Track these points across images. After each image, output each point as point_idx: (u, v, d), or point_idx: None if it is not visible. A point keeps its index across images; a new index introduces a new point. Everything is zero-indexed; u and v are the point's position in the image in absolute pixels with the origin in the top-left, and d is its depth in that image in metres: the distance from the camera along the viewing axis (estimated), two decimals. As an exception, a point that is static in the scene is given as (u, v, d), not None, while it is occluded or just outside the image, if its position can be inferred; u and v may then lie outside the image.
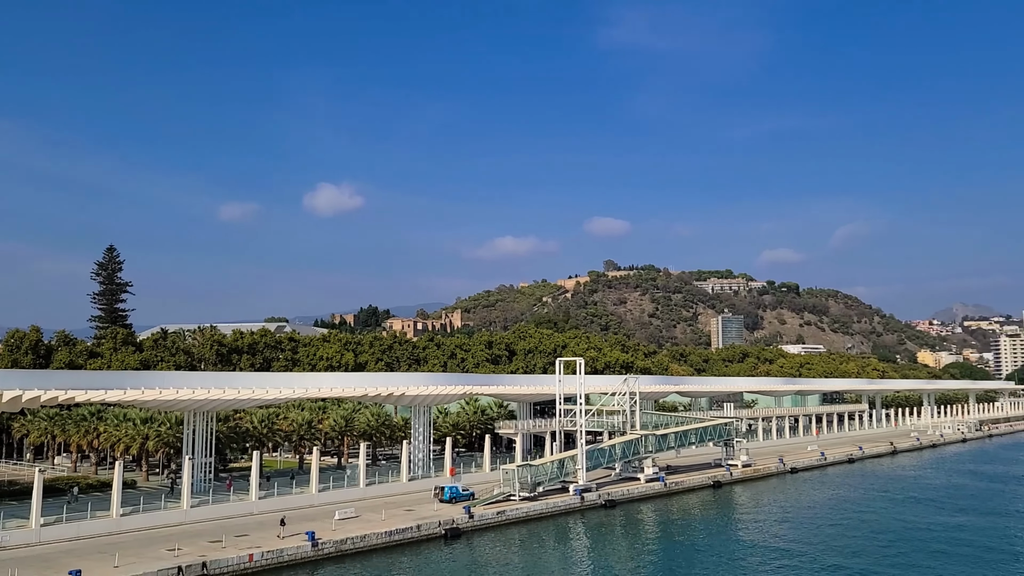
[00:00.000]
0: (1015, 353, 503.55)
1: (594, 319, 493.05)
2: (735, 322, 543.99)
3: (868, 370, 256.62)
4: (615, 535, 64.90)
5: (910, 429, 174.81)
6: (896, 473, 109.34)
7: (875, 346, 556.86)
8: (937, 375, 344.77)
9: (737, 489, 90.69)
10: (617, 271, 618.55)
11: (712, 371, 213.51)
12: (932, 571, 52.59)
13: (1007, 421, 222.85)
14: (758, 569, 52.86)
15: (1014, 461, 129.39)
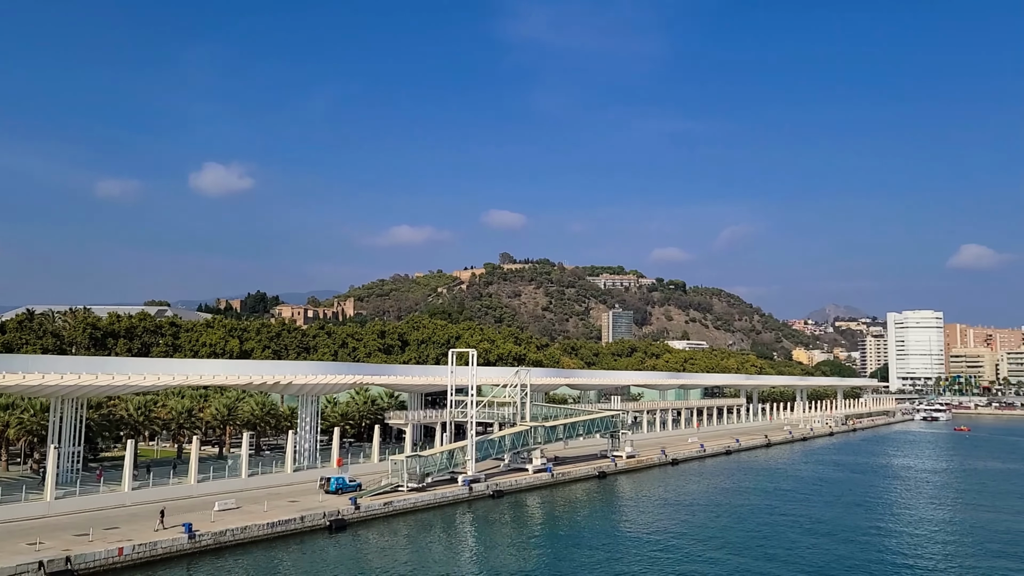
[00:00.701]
0: (879, 353, 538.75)
1: (489, 311, 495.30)
2: (625, 317, 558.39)
3: (747, 366, 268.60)
4: (502, 525, 65.44)
5: (783, 423, 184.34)
6: (769, 465, 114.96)
7: (754, 343, 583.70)
8: (810, 372, 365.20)
9: (621, 479, 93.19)
10: (513, 264, 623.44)
11: (602, 364, 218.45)
12: (794, 558, 55.47)
13: (869, 416, 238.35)
14: (637, 557, 54.46)
15: (873, 453, 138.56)
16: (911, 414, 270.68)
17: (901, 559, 55.78)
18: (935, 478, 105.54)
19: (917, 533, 65.75)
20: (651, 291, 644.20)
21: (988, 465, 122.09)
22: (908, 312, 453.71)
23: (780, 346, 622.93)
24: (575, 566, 51.33)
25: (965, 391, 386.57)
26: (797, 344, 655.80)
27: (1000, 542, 62.13)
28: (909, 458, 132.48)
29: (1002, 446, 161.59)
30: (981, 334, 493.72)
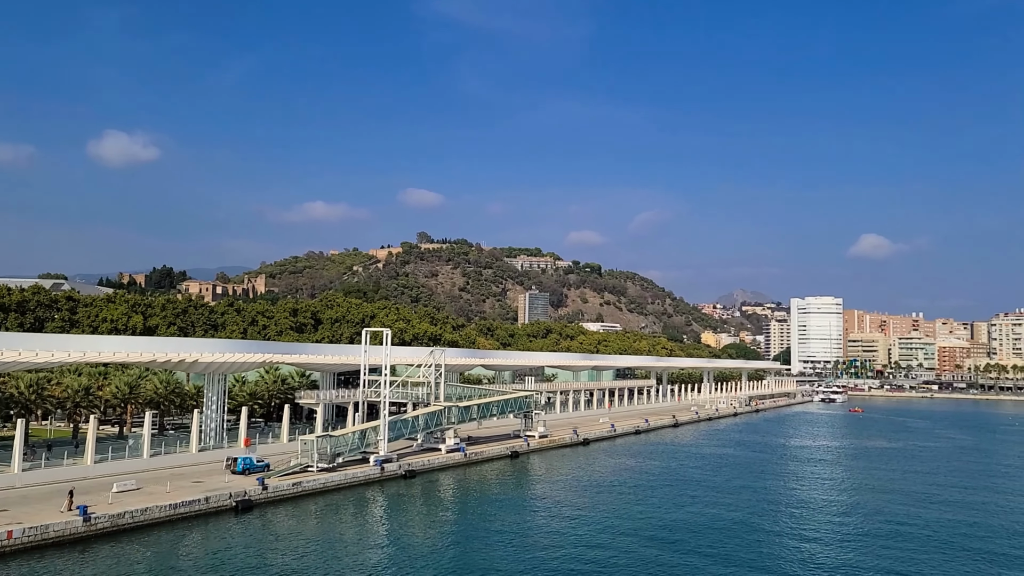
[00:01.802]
0: (782, 337, 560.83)
1: (405, 290, 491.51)
2: (541, 299, 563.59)
3: (658, 348, 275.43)
4: (413, 505, 65.41)
5: (691, 404, 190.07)
6: (676, 444, 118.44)
7: (666, 326, 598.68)
8: (717, 355, 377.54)
9: (533, 459, 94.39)
10: (430, 244, 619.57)
11: (517, 345, 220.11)
12: (695, 532, 57.48)
13: (772, 398, 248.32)
14: (547, 534, 55.37)
15: (774, 433, 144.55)
16: (810, 396, 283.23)
17: (792, 533, 58.43)
18: (828, 456, 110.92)
19: (808, 509, 69.03)
20: (567, 273, 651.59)
21: (876, 444, 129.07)
22: (810, 298, 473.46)
23: (690, 329, 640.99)
24: (486, 544, 51.83)
25: (861, 374, 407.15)
26: (706, 327, 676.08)
27: (873, 513, 65.86)
28: (806, 438, 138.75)
29: (890, 426, 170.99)
30: (876, 320, 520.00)
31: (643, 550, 51.33)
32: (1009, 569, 49.13)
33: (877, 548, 53.87)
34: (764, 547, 53.50)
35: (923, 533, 59.24)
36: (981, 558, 51.94)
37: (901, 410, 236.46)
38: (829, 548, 53.96)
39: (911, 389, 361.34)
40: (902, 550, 53.51)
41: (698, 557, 50.25)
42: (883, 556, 51.54)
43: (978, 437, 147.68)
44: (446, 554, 49.13)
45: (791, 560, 50.20)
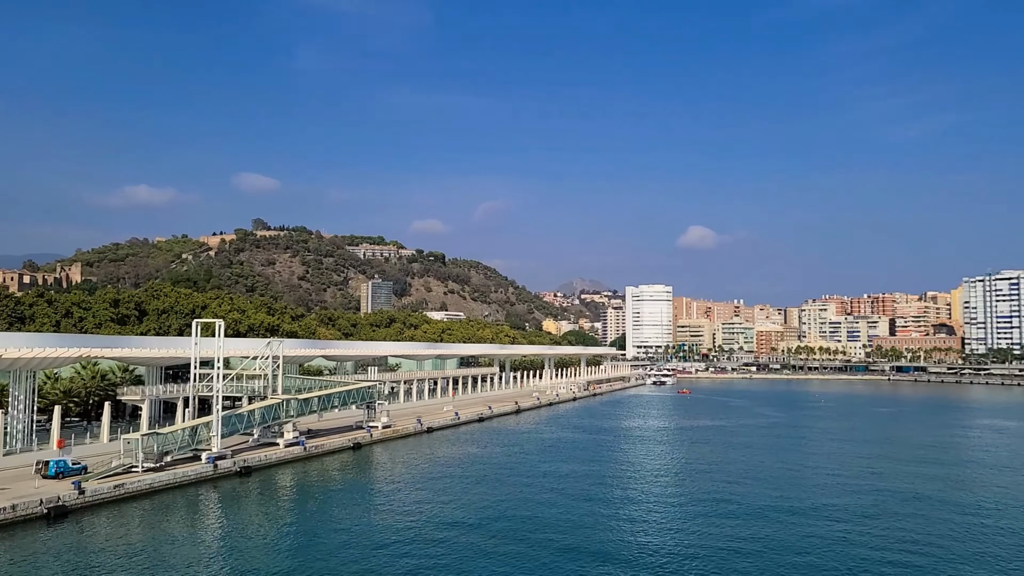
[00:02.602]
0: (618, 323, 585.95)
1: (240, 279, 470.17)
2: (385, 288, 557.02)
3: (501, 336, 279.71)
4: (249, 502, 62.76)
5: (533, 390, 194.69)
6: (518, 430, 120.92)
7: (508, 314, 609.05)
8: (557, 342, 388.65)
9: (376, 450, 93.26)
10: (267, 231, 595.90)
11: (360, 335, 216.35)
12: (533, 514, 58.97)
13: (608, 382, 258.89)
14: (388, 525, 54.86)
15: (609, 416, 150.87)
16: (644, 379, 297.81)
17: (624, 511, 61.24)
18: (659, 437, 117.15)
19: (642, 491, 72.55)
20: (411, 262, 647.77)
21: (701, 423, 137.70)
22: (643, 286, 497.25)
23: (532, 317, 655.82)
24: (327, 542, 50.60)
25: (689, 357, 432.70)
26: (547, 315, 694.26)
27: (699, 491, 70.43)
28: (639, 419, 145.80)
29: (714, 406, 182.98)
30: (703, 306, 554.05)
31: (486, 542, 51.85)
32: (810, 537, 53.82)
33: (705, 525, 57.39)
34: (602, 531, 55.58)
35: (742, 509, 63.65)
36: (792, 527, 56.58)
37: (724, 390, 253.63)
38: (663, 529, 56.83)
39: (733, 371, 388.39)
40: (724, 525, 57.26)
41: (539, 547, 51.38)
42: (707, 534, 54.93)
43: (788, 414, 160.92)
44: (284, 553, 47.53)
45: (630, 544, 52.37)
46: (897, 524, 57.09)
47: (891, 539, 52.56)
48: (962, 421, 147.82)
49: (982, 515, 60.85)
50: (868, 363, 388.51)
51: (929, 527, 56.30)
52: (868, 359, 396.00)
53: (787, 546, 50.40)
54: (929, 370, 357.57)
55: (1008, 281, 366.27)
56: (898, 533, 54.26)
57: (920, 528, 55.95)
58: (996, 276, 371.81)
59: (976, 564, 46.91)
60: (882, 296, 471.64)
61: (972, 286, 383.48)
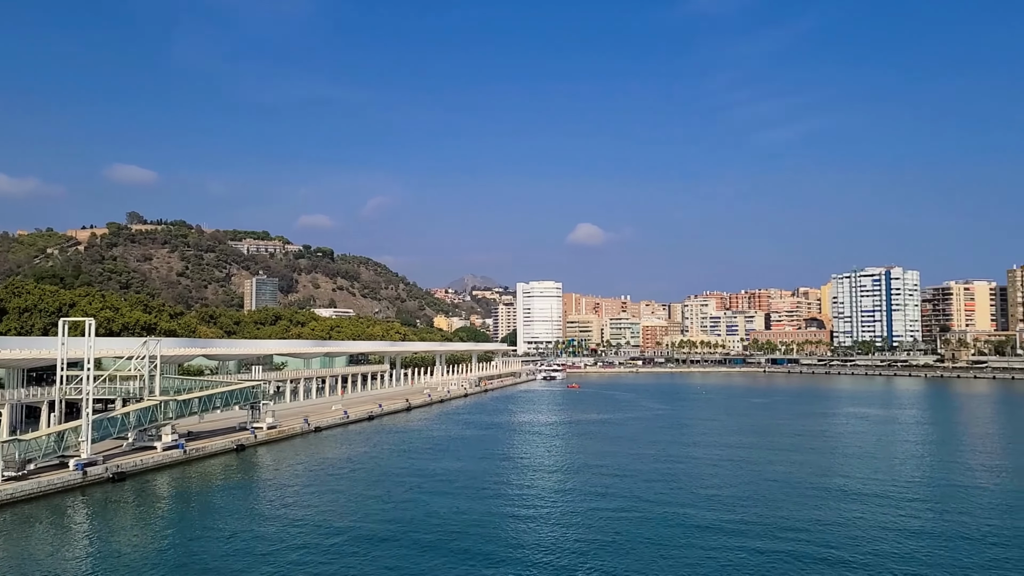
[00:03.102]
0: (509, 319, 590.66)
1: (113, 276, 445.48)
2: (270, 284, 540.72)
3: (392, 333, 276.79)
4: (123, 510, 59.54)
5: (424, 387, 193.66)
6: (409, 427, 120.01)
7: (399, 311, 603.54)
8: (449, 338, 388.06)
9: (261, 451, 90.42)
10: (143, 225, 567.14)
11: (244, 333, 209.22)
12: (424, 512, 58.74)
13: (499, 378, 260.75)
14: (274, 527, 53.29)
15: (501, 412, 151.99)
16: (534, 375, 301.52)
17: (515, 509, 61.87)
18: (548, 431, 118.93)
19: (531, 486, 73.48)
20: (298, 258, 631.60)
21: (589, 417, 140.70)
22: (534, 283, 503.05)
23: (423, 314, 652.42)
24: (208, 547, 48.63)
25: (578, 353, 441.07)
26: (439, 312, 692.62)
27: (585, 484, 72.09)
28: (529, 414, 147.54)
29: (602, 399, 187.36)
30: (591, 302, 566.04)
31: (377, 548, 51.18)
32: (692, 527, 55.98)
33: (593, 519, 58.63)
34: (493, 529, 55.87)
35: (628, 503, 65.46)
36: (675, 518, 58.63)
37: (612, 384, 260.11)
38: (552, 526, 57.66)
39: (620, 365, 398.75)
40: (610, 519, 58.73)
41: (430, 550, 51.16)
42: (595, 528, 56.15)
43: (672, 406, 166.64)
44: (160, 564, 45.32)
45: (521, 543, 52.86)
46: (770, 512, 60.10)
47: (766, 525, 55.28)
48: (830, 410, 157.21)
49: (849, 500, 64.89)
50: (746, 356, 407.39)
51: (800, 513, 59.56)
52: (746, 352, 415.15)
53: (669, 536, 52.19)
54: (801, 362, 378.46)
55: (871, 277, 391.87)
56: (772, 520, 57.12)
57: (791, 515, 59.09)
58: (861, 273, 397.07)
59: (843, 548, 49.90)
60: (758, 292, 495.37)
61: (840, 282, 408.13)
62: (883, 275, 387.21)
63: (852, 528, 53.97)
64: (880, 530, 53.44)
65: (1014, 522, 56.05)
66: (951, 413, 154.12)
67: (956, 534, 52.46)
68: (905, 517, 57.63)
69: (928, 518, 57.52)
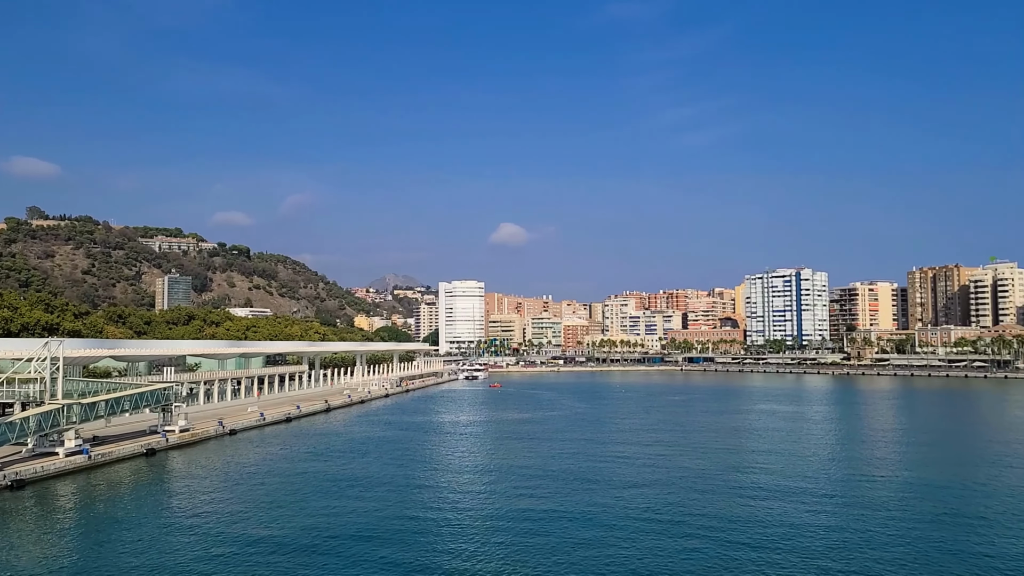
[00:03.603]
0: (431, 319, 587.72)
1: (12, 273, 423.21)
2: (183, 283, 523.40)
3: (311, 333, 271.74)
4: (22, 520, 56.57)
5: (344, 388, 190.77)
6: (327, 429, 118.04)
7: (319, 311, 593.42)
8: (370, 338, 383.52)
9: (173, 455, 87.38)
10: (45, 220, 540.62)
11: (155, 334, 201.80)
12: (345, 515, 57.90)
13: (421, 378, 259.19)
14: (186, 532, 51.57)
15: (422, 412, 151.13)
16: (456, 374, 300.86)
17: (432, 515, 61.61)
18: (469, 431, 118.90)
19: (447, 486, 73.34)
20: (212, 256, 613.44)
21: (511, 416, 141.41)
22: (456, 282, 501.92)
23: (343, 313, 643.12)
24: (113, 557, 46.65)
25: (500, 352, 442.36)
26: (359, 311, 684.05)
27: (505, 485, 72.47)
28: (451, 414, 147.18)
29: (523, 398, 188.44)
30: (514, 302, 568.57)
31: (290, 558, 50.12)
32: (609, 526, 56.86)
33: (511, 520, 58.91)
34: (411, 536, 55.49)
35: (548, 503, 66.01)
36: (593, 517, 59.42)
37: (533, 383, 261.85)
38: (470, 527, 57.65)
39: (542, 364, 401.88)
40: (528, 520, 59.10)
41: (346, 562, 50.49)
42: (512, 530, 56.42)
43: (592, 404, 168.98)
44: None
45: (443, 550, 52.66)
46: (687, 508, 61.63)
47: (684, 523, 56.67)
48: (744, 407, 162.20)
49: (761, 494, 67.09)
50: (664, 355, 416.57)
51: (716, 508, 61.27)
52: (664, 351, 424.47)
53: (591, 537, 52.87)
54: (716, 360, 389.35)
55: (782, 278, 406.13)
56: (689, 516, 58.59)
57: (708, 510, 60.73)
58: (773, 274, 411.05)
59: (755, 541, 51.58)
60: (676, 292, 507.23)
61: (752, 283, 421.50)
62: (793, 276, 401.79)
63: (763, 520, 55.80)
64: (789, 523, 55.45)
65: (909, 511, 59.04)
66: (855, 408, 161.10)
67: (859, 525, 54.88)
68: (811, 511, 59.97)
69: (832, 511, 59.99)
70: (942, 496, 64.76)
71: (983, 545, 49.40)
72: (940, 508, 60.03)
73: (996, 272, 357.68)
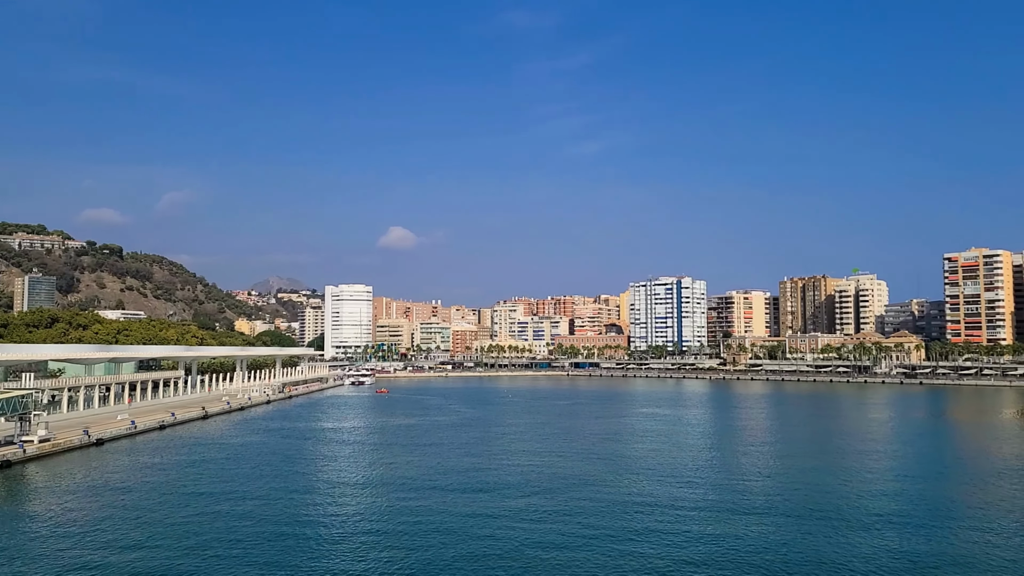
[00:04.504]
0: (317, 323, 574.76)
1: None
2: (46, 283, 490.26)
3: (188, 337, 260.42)
4: None
5: (223, 394, 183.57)
6: (204, 437, 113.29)
7: (196, 314, 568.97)
8: (251, 342, 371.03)
9: (31, 468, 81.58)
10: None
11: (12, 337, 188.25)
12: (223, 533, 55.71)
13: (305, 383, 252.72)
14: (42, 553, 48.18)
15: (304, 418, 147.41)
16: (342, 380, 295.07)
17: (308, 529, 60.22)
18: (354, 437, 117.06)
19: (323, 497, 71.87)
20: (80, 255, 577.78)
21: (396, 422, 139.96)
22: (343, 286, 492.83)
23: (223, 316, 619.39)
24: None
25: (388, 357, 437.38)
26: (241, 315, 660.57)
27: (392, 493, 71.77)
28: (335, 420, 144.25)
29: (410, 404, 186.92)
30: (402, 306, 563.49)
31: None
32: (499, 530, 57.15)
33: (398, 530, 58.28)
34: (293, 553, 54.07)
35: (434, 511, 65.70)
36: (478, 521, 59.55)
37: (421, 389, 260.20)
38: (353, 539, 56.72)
39: (430, 369, 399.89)
40: (414, 527, 58.66)
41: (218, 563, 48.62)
42: (399, 539, 55.88)
43: (479, 409, 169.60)
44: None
45: (325, 570, 51.54)
46: (569, 511, 62.71)
47: (564, 523, 57.55)
48: (626, 411, 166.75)
49: (641, 502, 69.06)
50: (551, 360, 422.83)
51: (595, 510, 62.58)
52: (551, 356, 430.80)
53: (477, 547, 52.92)
54: (601, 365, 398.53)
55: (664, 286, 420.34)
56: (570, 517, 59.58)
57: (587, 516, 61.94)
58: (655, 282, 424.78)
59: (635, 543, 52.99)
60: (564, 298, 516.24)
61: (636, 290, 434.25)
62: (675, 284, 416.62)
63: (643, 521, 57.49)
64: (665, 525, 57.35)
65: (774, 510, 62.33)
66: (730, 412, 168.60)
67: (729, 529, 57.41)
68: (686, 514, 62.32)
69: (705, 512, 62.54)
70: (803, 495, 68.61)
71: (839, 542, 52.66)
72: (801, 507, 63.59)
73: (859, 283, 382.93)
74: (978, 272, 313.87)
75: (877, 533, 54.39)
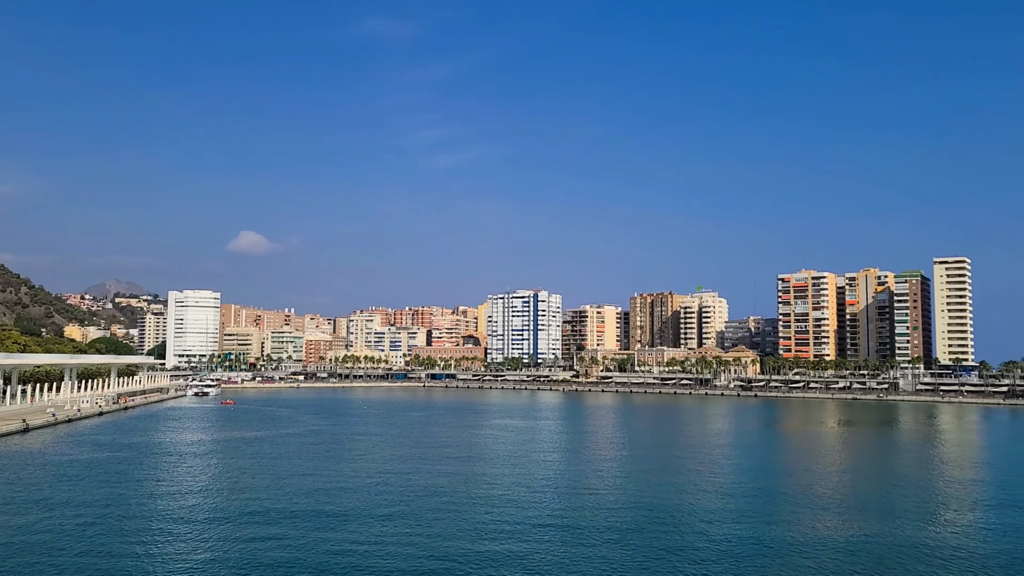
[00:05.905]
0: (159, 330, 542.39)
1: None
2: None
3: (8, 343, 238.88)
4: None
5: (48, 405, 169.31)
6: (24, 452, 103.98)
7: (20, 318, 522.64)
8: (83, 350, 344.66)
9: None
10: None
11: None
12: (42, 559, 51.33)
13: (144, 394, 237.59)
14: None
15: (142, 431, 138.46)
16: (184, 390, 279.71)
17: (153, 541, 56.72)
18: (196, 450, 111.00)
19: (170, 506, 67.96)
20: None
21: (244, 435, 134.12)
22: (188, 291, 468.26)
23: (51, 322, 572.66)
24: None
25: (235, 367, 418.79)
26: (72, 320, 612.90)
27: (236, 506, 68.66)
28: (172, 433, 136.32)
29: (258, 416, 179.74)
30: (252, 314, 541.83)
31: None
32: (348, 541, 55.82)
33: (238, 550, 55.68)
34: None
35: (279, 527, 63.36)
36: (329, 532, 57.91)
37: (271, 400, 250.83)
38: (187, 560, 53.81)
39: (281, 380, 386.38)
40: (256, 546, 56.30)
41: None
42: (239, 559, 53.46)
43: (331, 421, 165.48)
44: None
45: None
46: (419, 521, 62.12)
47: (414, 534, 56.95)
48: (481, 422, 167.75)
49: (492, 506, 69.48)
50: (408, 371, 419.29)
51: (447, 520, 62.33)
52: (408, 367, 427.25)
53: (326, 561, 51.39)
54: (458, 376, 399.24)
55: (521, 299, 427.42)
56: (419, 528, 59.04)
57: (440, 522, 61.62)
58: (513, 295, 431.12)
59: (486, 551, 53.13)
60: (421, 309, 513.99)
61: (494, 302, 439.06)
62: (531, 297, 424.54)
63: (496, 532, 57.78)
64: (516, 536, 57.94)
65: (617, 518, 64.49)
66: (580, 423, 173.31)
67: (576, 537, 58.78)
68: (537, 517, 63.25)
69: (555, 520, 63.74)
70: (647, 502, 71.43)
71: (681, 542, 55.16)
72: (644, 515, 66.16)
73: (702, 300, 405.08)
74: (807, 292, 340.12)
75: (709, 536, 57.34)
